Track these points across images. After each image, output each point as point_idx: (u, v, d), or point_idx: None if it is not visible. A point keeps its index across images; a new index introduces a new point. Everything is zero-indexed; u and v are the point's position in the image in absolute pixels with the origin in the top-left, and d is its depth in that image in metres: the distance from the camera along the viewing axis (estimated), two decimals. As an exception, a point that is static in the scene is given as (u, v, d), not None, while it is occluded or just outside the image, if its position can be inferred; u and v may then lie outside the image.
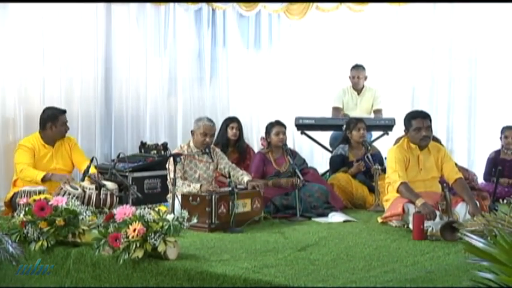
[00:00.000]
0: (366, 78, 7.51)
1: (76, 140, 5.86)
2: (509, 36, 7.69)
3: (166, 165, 5.39)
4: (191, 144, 5.52)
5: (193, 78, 7.61)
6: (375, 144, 6.89)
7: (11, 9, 5.89)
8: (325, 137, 7.60)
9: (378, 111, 7.47)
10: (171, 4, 7.25)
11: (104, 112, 6.73)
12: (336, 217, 5.33)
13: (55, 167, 5.50)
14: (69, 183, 5.06)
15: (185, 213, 3.81)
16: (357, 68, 7.49)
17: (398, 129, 6.11)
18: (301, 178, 5.48)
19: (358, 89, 7.50)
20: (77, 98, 6.44)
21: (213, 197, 4.78)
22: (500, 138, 6.84)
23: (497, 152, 6.87)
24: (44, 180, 5.23)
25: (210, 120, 5.55)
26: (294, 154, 5.96)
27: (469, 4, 7.69)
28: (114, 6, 6.74)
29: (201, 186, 5.18)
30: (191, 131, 5.58)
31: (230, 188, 4.91)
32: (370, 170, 6.06)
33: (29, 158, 5.39)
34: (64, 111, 5.63)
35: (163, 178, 5.77)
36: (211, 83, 7.77)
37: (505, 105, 7.71)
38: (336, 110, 7.54)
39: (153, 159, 6.22)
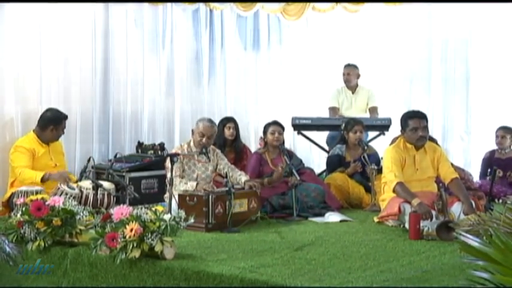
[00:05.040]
0: (359, 76, 7.53)
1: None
2: (504, 37, 7.71)
3: (165, 164, 5.38)
4: (191, 143, 5.52)
5: (191, 79, 7.60)
6: (371, 144, 6.90)
7: (8, 9, 5.87)
8: (321, 137, 7.60)
9: (373, 109, 7.47)
10: (169, 4, 7.23)
11: (102, 112, 6.71)
12: (332, 217, 5.34)
13: (54, 163, 5.52)
14: (67, 183, 5.07)
15: (182, 213, 3.82)
16: (349, 66, 7.54)
17: (395, 129, 6.13)
18: (298, 178, 5.49)
19: (351, 86, 7.51)
20: (75, 98, 6.43)
21: (210, 197, 4.79)
22: (496, 138, 6.94)
23: (492, 152, 6.97)
24: (43, 180, 5.23)
25: (211, 121, 5.53)
26: (290, 154, 5.97)
27: (464, 4, 7.70)
28: (112, 6, 6.73)
29: (197, 184, 5.19)
30: (192, 130, 5.58)
31: (227, 188, 4.91)
32: (366, 170, 6.08)
33: (27, 160, 5.38)
34: (66, 117, 5.67)
35: (160, 178, 5.77)
36: (209, 83, 7.76)
37: (500, 105, 7.73)
38: (332, 109, 7.54)
39: (150, 159, 6.23)
